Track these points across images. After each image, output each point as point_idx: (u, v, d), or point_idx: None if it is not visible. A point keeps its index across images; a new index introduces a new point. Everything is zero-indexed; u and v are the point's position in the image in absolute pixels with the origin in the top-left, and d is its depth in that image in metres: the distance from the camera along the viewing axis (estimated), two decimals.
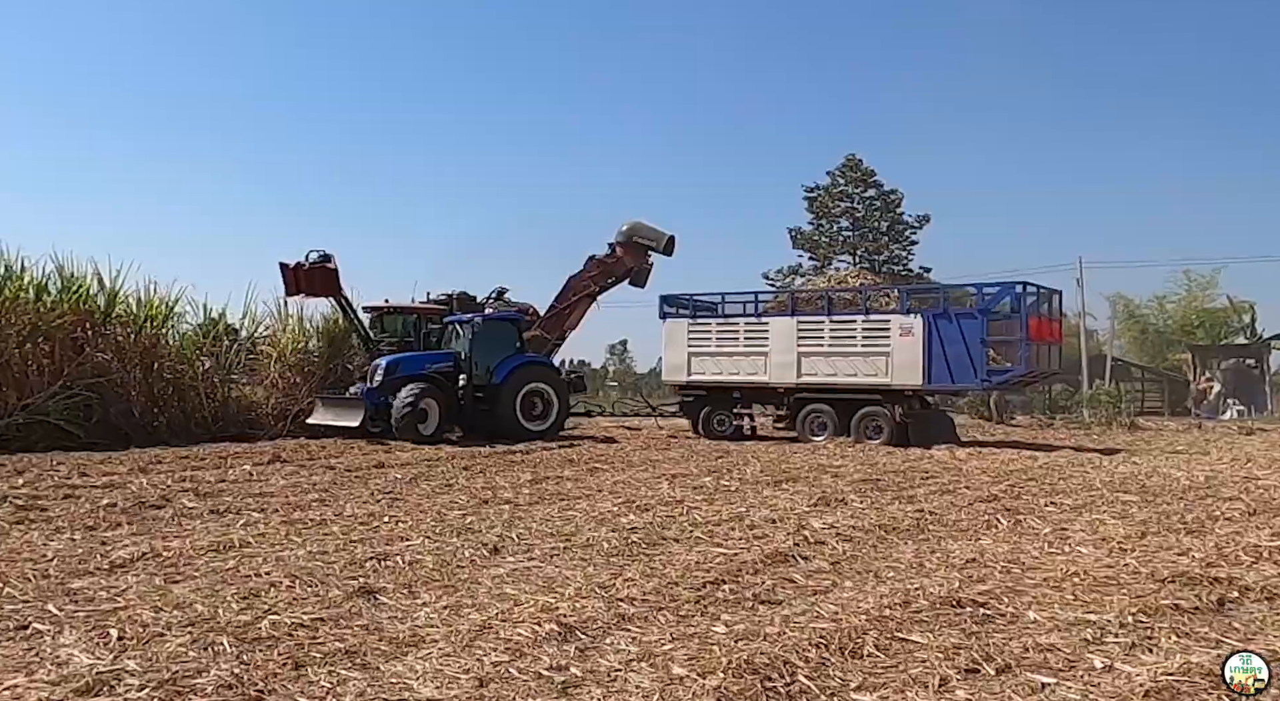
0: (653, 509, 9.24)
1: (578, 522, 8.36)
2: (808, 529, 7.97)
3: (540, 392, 18.75)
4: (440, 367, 18.08)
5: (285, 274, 18.94)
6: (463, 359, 18.23)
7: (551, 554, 6.87)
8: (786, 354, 18.91)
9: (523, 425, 18.13)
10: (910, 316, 18.02)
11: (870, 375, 18.18)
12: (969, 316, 17.62)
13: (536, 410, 18.62)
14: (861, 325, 18.56)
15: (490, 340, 18.50)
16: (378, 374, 17.59)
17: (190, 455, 13.86)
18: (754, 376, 19.38)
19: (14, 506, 8.43)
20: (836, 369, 18.51)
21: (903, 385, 17.95)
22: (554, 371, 19.75)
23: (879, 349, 18.14)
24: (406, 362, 17.96)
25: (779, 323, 19.29)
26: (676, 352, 20.21)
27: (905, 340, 17.77)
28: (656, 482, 11.79)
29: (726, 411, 19.98)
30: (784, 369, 18.96)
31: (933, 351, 17.56)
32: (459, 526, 8.02)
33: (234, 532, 7.55)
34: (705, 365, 19.86)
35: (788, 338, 18.96)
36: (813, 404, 18.78)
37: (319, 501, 9.55)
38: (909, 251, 48.24)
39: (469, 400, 17.99)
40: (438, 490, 10.77)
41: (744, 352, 19.45)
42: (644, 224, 22.62)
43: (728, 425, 19.93)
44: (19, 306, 15.95)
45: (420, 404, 16.93)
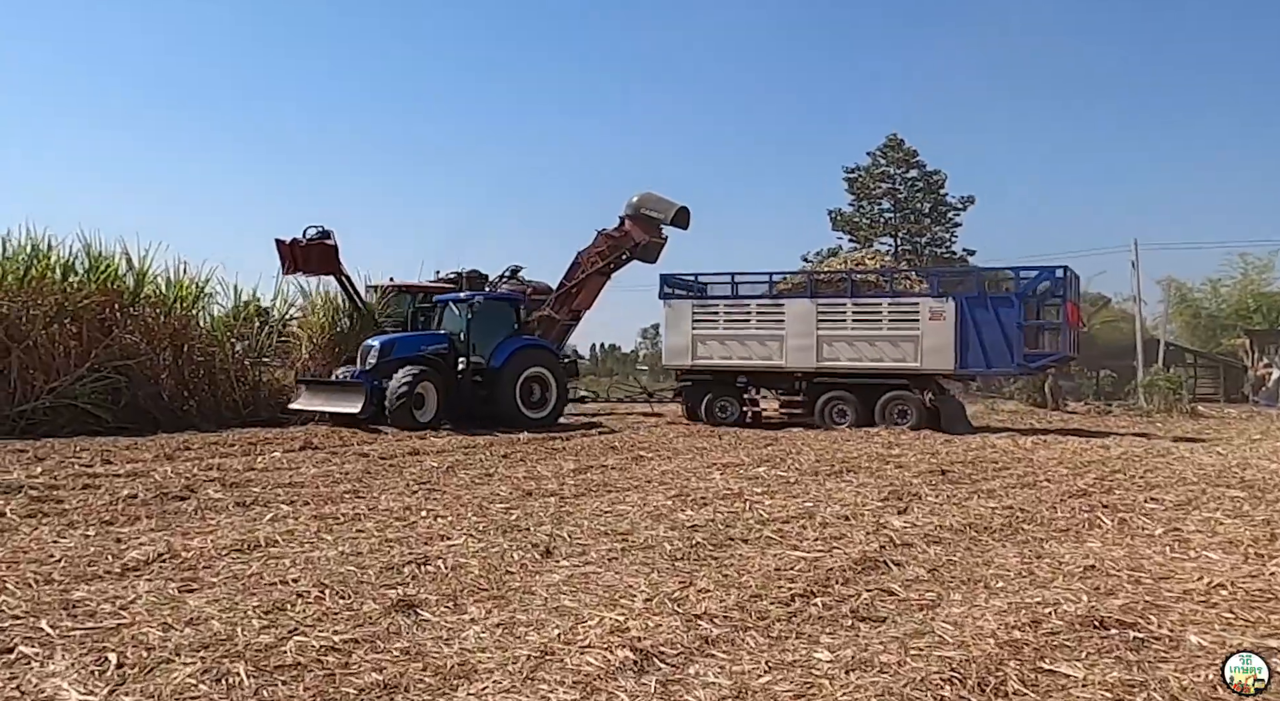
0: (711, 503, 8.50)
1: (632, 519, 7.64)
2: (888, 528, 7.20)
3: (540, 378, 17.53)
4: (436, 349, 16.80)
5: (282, 250, 18.08)
6: (460, 341, 17.00)
7: (609, 556, 6.15)
8: (805, 337, 17.97)
9: (522, 412, 16.95)
10: (942, 299, 17.44)
11: (897, 359, 17.46)
12: (1006, 300, 17.20)
13: (535, 397, 17.39)
14: (888, 308, 17.75)
15: (489, 321, 17.36)
16: (371, 355, 16.30)
17: (219, 441, 13.31)
18: (767, 360, 18.35)
19: (29, 497, 7.85)
20: (860, 353, 17.69)
21: (933, 369, 17.48)
22: (553, 355, 18.43)
23: (907, 332, 17.43)
24: (402, 344, 16.70)
25: (796, 304, 18.28)
26: (679, 335, 19.01)
27: (936, 323, 17.18)
28: (707, 473, 11.05)
29: (731, 397, 18.91)
30: (802, 352, 18.01)
31: (966, 335, 17.01)
32: (503, 523, 7.32)
33: (260, 529, 6.90)
34: (711, 348, 18.75)
35: (806, 320, 18.02)
36: (833, 389, 17.89)
37: (351, 493, 8.91)
38: (952, 233, 46.94)
39: (468, 385, 16.81)
40: (477, 480, 10.10)
41: (756, 335, 18.41)
42: (653, 195, 21.21)
43: (732, 411, 18.83)
44: (45, 286, 15.49)
45: (416, 388, 15.65)
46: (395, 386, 15.42)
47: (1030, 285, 17.32)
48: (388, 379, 15.66)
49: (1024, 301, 17.10)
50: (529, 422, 16.64)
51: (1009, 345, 16.86)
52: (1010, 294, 17.35)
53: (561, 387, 17.90)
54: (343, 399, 15.79)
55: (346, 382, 16.15)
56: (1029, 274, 17.58)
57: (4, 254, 15.26)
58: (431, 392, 15.97)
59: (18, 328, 14.76)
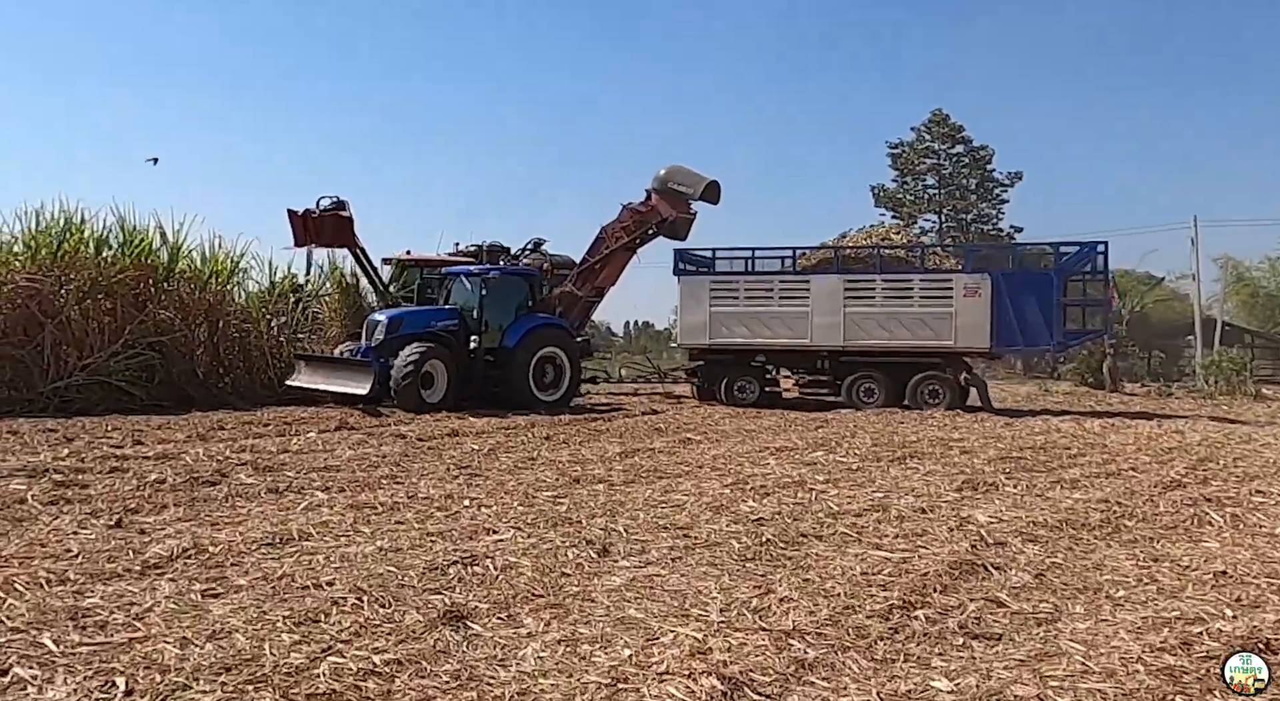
0: (773, 492, 7.90)
1: (690, 510, 7.06)
2: (973, 524, 6.55)
3: (553, 358, 16.46)
4: (447, 326, 15.68)
5: (294, 221, 17.18)
6: (472, 317, 15.91)
7: (672, 555, 5.57)
8: (831, 314, 17.16)
9: (534, 394, 15.95)
10: (977, 275, 16.83)
11: (929, 337, 16.82)
12: (1044, 276, 16.80)
13: (548, 377, 16.39)
14: (919, 284, 17.03)
15: (502, 297, 16.28)
16: (378, 331, 15.20)
17: (253, 419, 12.93)
18: (791, 339, 17.50)
19: (52, 482, 7.44)
20: (890, 331, 16.95)
21: (967, 347, 16.99)
22: (568, 334, 17.30)
23: (940, 309, 16.77)
24: (410, 318, 15.57)
25: (822, 281, 17.44)
26: (696, 313, 18.06)
27: (970, 300, 16.57)
28: (761, 458, 10.45)
29: (750, 377, 18.07)
30: (828, 330, 17.21)
31: (1001, 312, 16.41)
32: (552, 514, 6.78)
33: (293, 519, 6.42)
34: (731, 326, 17.83)
35: (833, 297, 17.18)
36: (861, 369, 17.18)
37: (389, 478, 8.42)
38: (998, 210, 45.54)
39: (479, 364, 15.71)
40: (520, 464, 9.58)
41: (779, 313, 17.56)
42: (682, 168, 20.11)
43: (751, 391, 17.95)
44: (79, 261, 15.18)
45: (424, 367, 14.56)
46: (401, 364, 14.41)
47: (1071, 261, 16.91)
48: (395, 356, 14.65)
49: (1064, 278, 16.63)
50: (541, 405, 15.74)
51: (1047, 322, 16.43)
52: (1049, 270, 16.90)
53: (575, 368, 16.95)
54: (348, 377, 14.77)
55: (353, 361, 15.09)
56: (1069, 249, 17.22)
57: (37, 228, 14.97)
58: (440, 371, 14.91)
59: (51, 303, 14.47)
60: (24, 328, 14.07)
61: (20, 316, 14.10)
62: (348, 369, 14.96)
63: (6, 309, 14.02)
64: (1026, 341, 16.99)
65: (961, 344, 16.80)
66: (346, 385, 14.60)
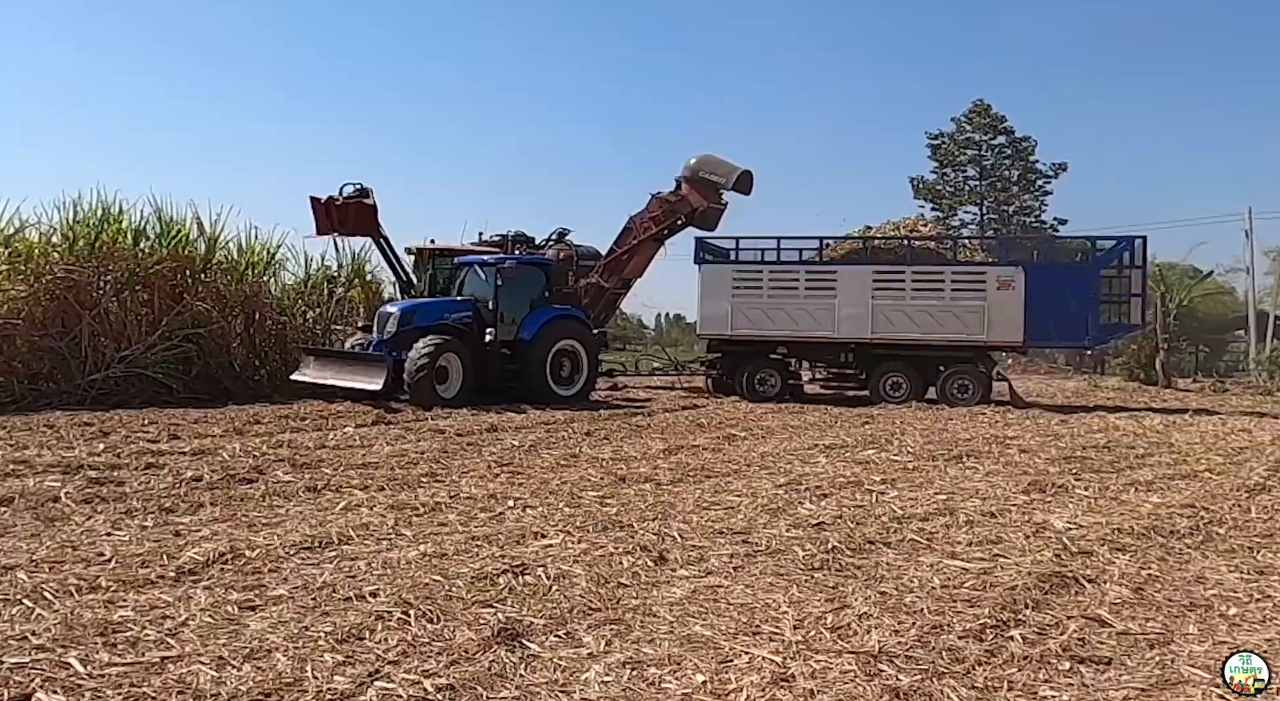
0: (830, 494, 7.52)
1: (745, 512, 6.71)
2: (1050, 530, 6.14)
3: (570, 351, 15.82)
4: (461, 317, 15.08)
5: (316, 209, 16.41)
6: (487, 309, 15.27)
7: (733, 564, 5.22)
8: (859, 306, 16.66)
9: (551, 388, 15.33)
10: (1010, 268, 16.46)
11: (960, 330, 16.37)
12: (1079, 269, 16.60)
13: (564, 371, 15.74)
14: (951, 276, 16.57)
15: (519, 288, 15.62)
16: (390, 323, 14.57)
17: (290, 413, 12.73)
18: (817, 331, 16.97)
19: (87, 479, 7.24)
20: (919, 323, 16.47)
21: (999, 342, 16.74)
22: (586, 326, 16.42)
23: (971, 302, 16.33)
24: (424, 310, 14.95)
25: (850, 271, 16.99)
26: (716, 303, 17.52)
27: (1004, 293, 16.15)
28: (810, 456, 10.08)
29: (771, 369, 17.54)
30: (855, 322, 16.72)
31: (1033, 306, 16.01)
32: (601, 516, 6.46)
33: (332, 521, 6.16)
34: (753, 317, 17.28)
35: (861, 288, 16.69)
36: (888, 361, 16.70)
37: (429, 476, 8.15)
38: (1042, 202, 44.56)
39: (495, 358, 15.05)
40: (562, 462, 9.28)
41: (805, 304, 17.02)
42: (714, 157, 19.32)
43: (772, 384, 17.41)
44: (117, 252, 15.08)
45: (439, 360, 13.92)
46: (415, 357, 13.72)
47: (1109, 256, 16.60)
48: (408, 350, 13.95)
49: (1100, 272, 16.32)
50: (558, 399, 15.11)
51: (1083, 317, 16.12)
52: (1084, 264, 16.70)
53: (593, 362, 16.32)
54: (361, 373, 14.02)
55: (366, 355, 14.44)
56: (1105, 244, 16.97)
57: (74, 218, 14.88)
58: (456, 365, 14.27)
59: (88, 294, 14.37)
60: (61, 319, 13.99)
61: (58, 308, 14.02)
62: (359, 363, 14.34)
63: (45, 300, 13.94)
64: (1060, 336, 16.78)
65: (993, 338, 16.46)
66: (358, 380, 13.91)
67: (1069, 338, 17.03)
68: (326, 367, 14.62)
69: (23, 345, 13.65)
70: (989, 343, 16.58)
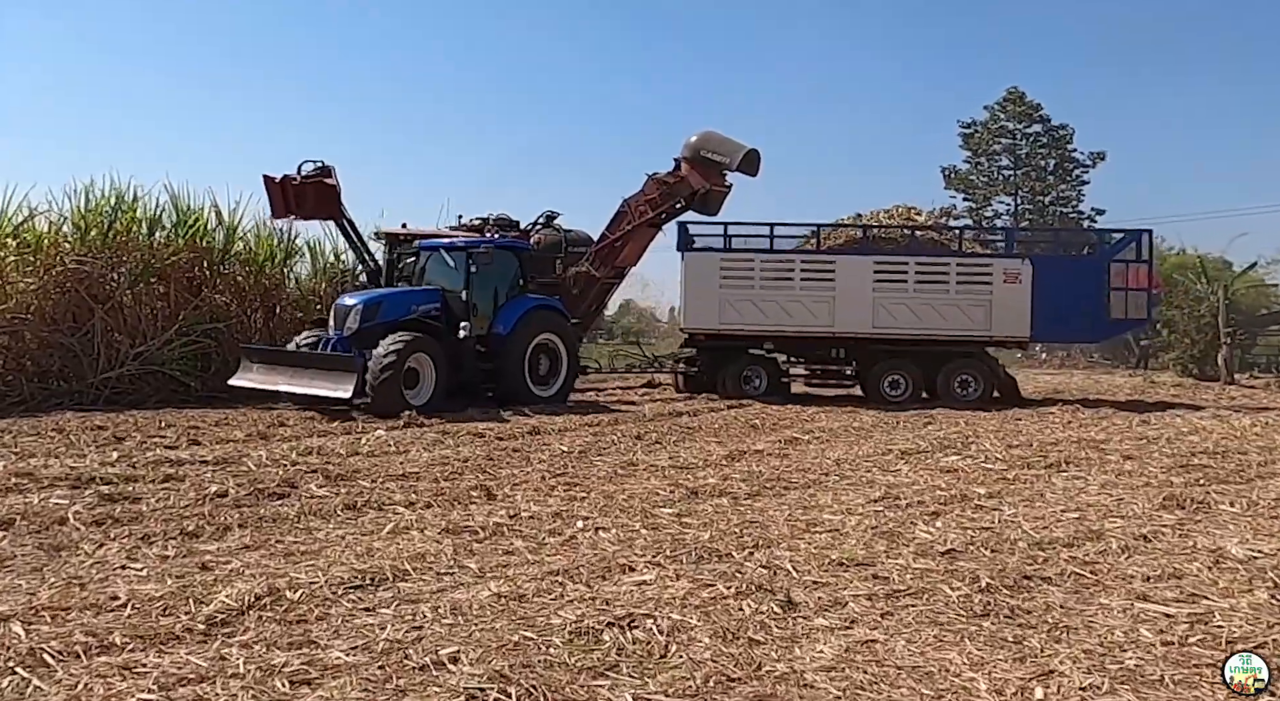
0: (941, 512, 6.61)
1: (854, 536, 5.81)
2: (1231, 559, 5.21)
3: (549, 347, 14.11)
4: (429, 310, 13.26)
5: (271, 190, 14.99)
6: (458, 300, 13.50)
7: (876, 609, 4.32)
8: (859, 298, 15.53)
9: (530, 388, 13.66)
10: (1017, 260, 15.73)
11: (965, 325, 15.47)
12: (1087, 262, 15.94)
13: (542, 368, 14.03)
14: (956, 268, 15.59)
15: (492, 275, 13.82)
16: (351, 317, 12.62)
17: (314, 414, 11.90)
18: (812, 325, 15.71)
19: (98, 495, 6.39)
20: (922, 317, 15.46)
21: (1006, 336, 15.91)
22: (564, 318, 14.76)
23: (978, 295, 15.44)
24: (390, 302, 13.01)
25: (850, 261, 15.78)
26: (704, 294, 15.95)
27: (1010, 286, 15.38)
28: (889, 463, 9.18)
29: (759, 366, 16.20)
30: (854, 316, 15.58)
31: (1040, 300, 15.29)
32: (690, 541, 5.57)
33: (380, 548, 5.30)
34: (744, 310, 15.84)
35: (861, 279, 15.55)
36: (889, 358, 15.67)
37: (479, 489, 7.27)
38: (1079, 192, 43.35)
39: (470, 355, 13.31)
40: (620, 471, 8.41)
41: (800, 296, 15.75)
42: (716, 134, 17.40)
43: (760, 383, 16.02)
44: (131, 242, 14.28)
45: (407, 361, 12.05)
46: (380, 357, 11.82)
47: (1117, 248, 16.00)
48: (373, 348, 12.05)
49: (1109, 265, 15.62)
50: (536, 401, 13.41)
51: (1090, 311, 15.49)
52: (1093, 256, 16.12)
53: (573, 357, 14.62)
54: (325, 377, 11.91)
55: (331, 356, 12.29)
56: (1114, 236, 16.55)
57: (86, 206, 14.06)
58: (427, 366, 12.40)
59: (101, 287, 13.59)
60: (73, 314, 13.21)
61: (69, 301, 13.23)
62: (322, 366, 12.15)
63: (55, 293, 13.14)
64: (1067, 331, 16.34)
65: (999, 332, 15.65)
66: (322, 386, 11.76)
67: (1076, 333, 16.60)
68: (276, 371, 12.45)
69: (32, 342, 12.90)
70: (995, 338, 15.83)
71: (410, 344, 12.13)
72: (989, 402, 15.31)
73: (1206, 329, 23.04)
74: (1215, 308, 23.13)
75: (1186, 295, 25.45)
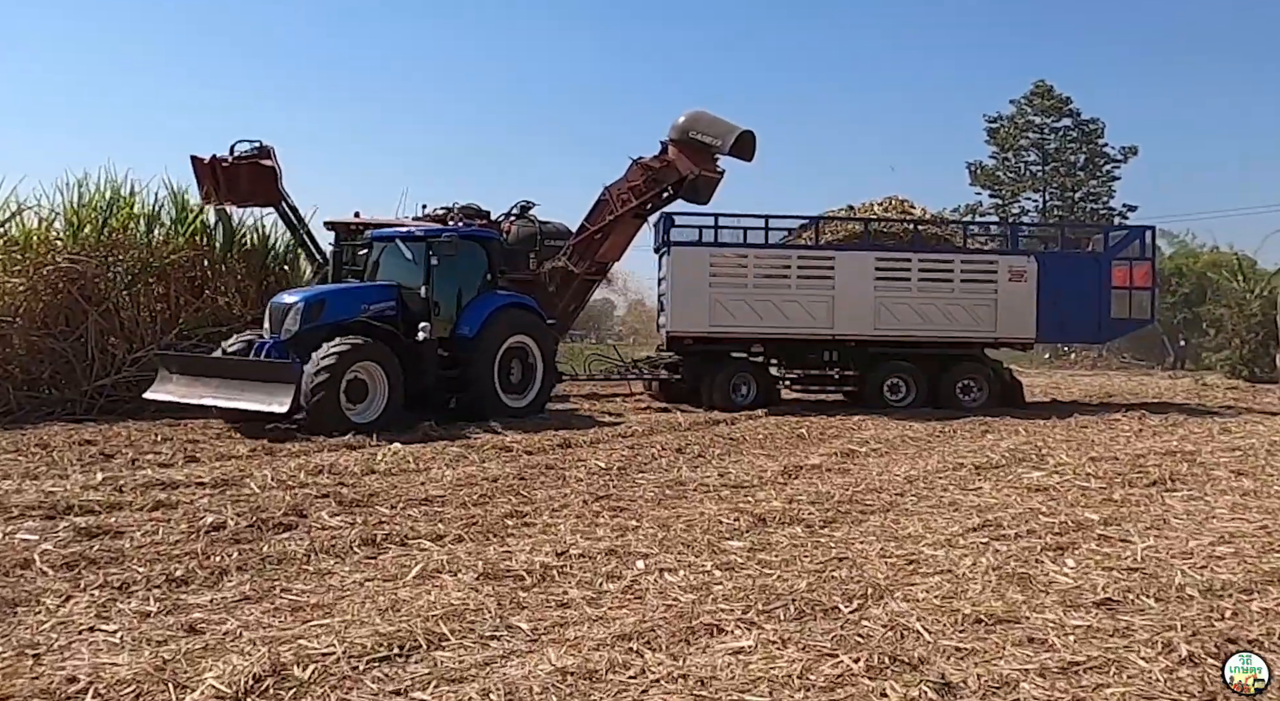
0: (1065, 546, 5.62)
1: (973, 577, 4.88)
2: None
3: (521, 350, 12.30)
4: (383, 309, 11.45)
5: (200, 172, 13.66)
6: (417, 298, 11.65)
7: (1059, 693, 3.34)
8: (860, 298, 14.36)
9: (499, 398, 11.85)
10: (1022, 257, 14.88)
11: (970, 326, 14.51)
12: (1090, 260, 15.17)
13: (514, 375, 12.23)
14: (960, 265, 14.59)
15: (457, 270, 11.98)
16: (291, 318, 10.80)
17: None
18: (810, 326, 14.40)
19: (74, 530, 5.45)
20: (925, 317, 14.40)
21: (1011, 337, 15.04)
22: (539, 318, 12.77)
23: (982, 295, 14.49)
24: (336, 300, 11.26)
25: (850, 257, 14.55)
26: (691, 293, 14.40)
27: (1015, 285, 14.50)
28: (964, 479, 8.26)
29: (747, 372, 14.71)
30: (856, 316, 14.39)
31: (1045, 298, 14.48)
32: (779, 588, 4.65)
33: (408, 600, 4.36)
34: (736, 311, 14.38)
35: (862, 277, 14.37)
36: (891, 361, 14.55)
37: (514, 516, 6.34)
38: (1109, 187, 42.19)
39: (430, 361, 11.40)
40: (668, 491, 7.46)
41: (798, 295, 14.44)
42: (707, 114, 15.76)
43: (748, 392, 14.45)
44: (128, 239, 13.38)
45: (348, 371, 10.21)
46: (315, 365, 10.03)
47: (1119, 246, 15.34)
48: (316, 352, 10.34)
49: (1111, 262, 14.92)
50: (508, 413, 11.67)
51: (1094, 311, 14.74)
52: (1095, 254, 15.35)
53: (549, 363, 12.68)
54: (257, 389, 10.10)
55: (258, 364, 10.56)
56: (1117, 234, 16.16)
57: (80, 201, 13.16)
58: (377, 375, 10.54)
59: (96, 288, 12.65)
60: (65, 316, 12.28)
61: (61, 303, 12.30)
62: (251, 375, 10.37)
63: (45, 295, 12.22)
64: (1071, 331, 15.75)
65: (1004, 333, 14.74)
66: (250, 399, 10.01)
67: (1080, 333, 15.95)
68: (200, 381, 10.69)
69: (20, 346, 11.98)
70: (1000, 339, 14.91)
71: (354, 350, 10.34)
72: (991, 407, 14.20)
73: (1257, 328, 21.97)
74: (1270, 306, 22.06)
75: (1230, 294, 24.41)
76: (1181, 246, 37.10)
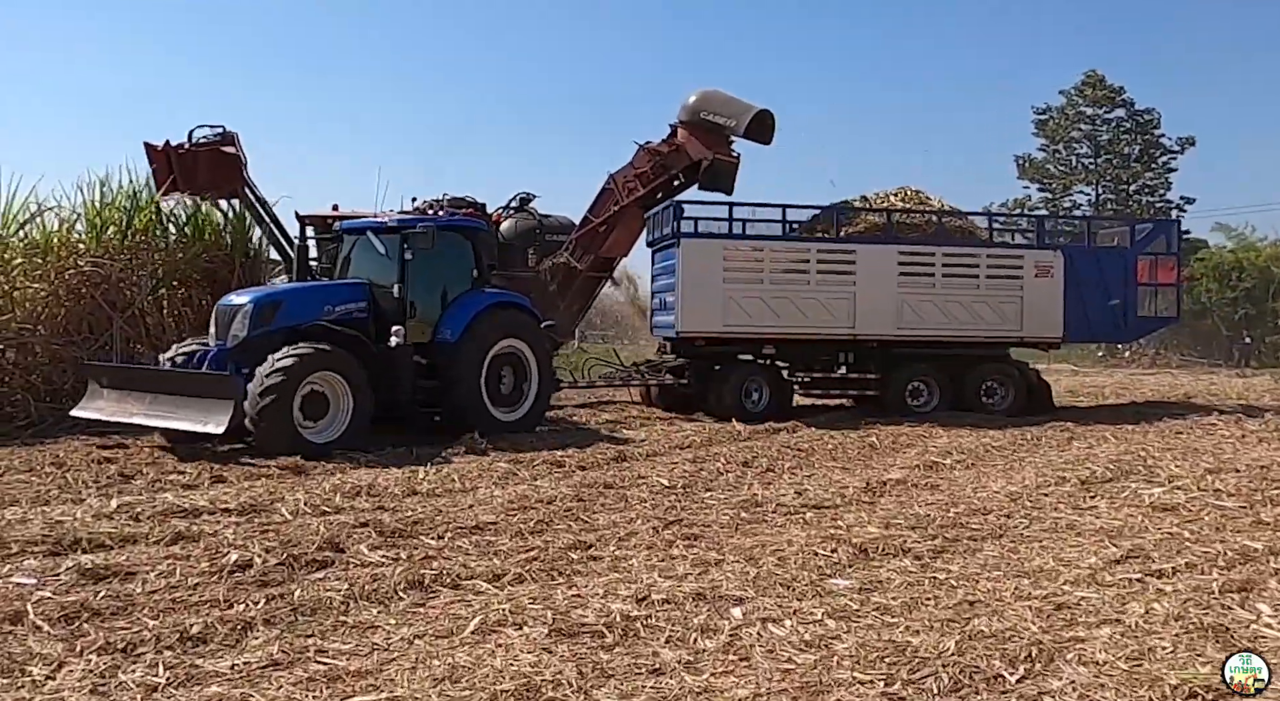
0: (1244, 586, 4.73)
1: (1154, 629, 4.05)
2: None
3: (513, 356, 10.85)
4: (350, 311, 10.08)
5: (154, 159, 12.77)
6: (390, 297, 10.32)
7: None
8: (883, 295, 13.29)
9: (490, 412, 10.44)
10: (1048, 251, 14.04)
11: (996, 325, 13.59)
12: (1117, 255, 14.39)
13: (505, 386, 10.77)
14: (986, 260, 13.66)
15: (437, 266, 10.57)
16: (239, 322, 9.48)
17: None
18: (831, 325, 13.24)
19: (79, 571, 4.72)
20: (949, 315, 13.41)
21: (1037, 337, 14.17)
22: (534, 319, 11.35)
23: (1009, 291, 13.58)
24: (294, 301, 9.96)
25: (871, 251, 13.40)
26: (703, 289, 13.08)
27: (1042, 281, 13.65)
28: (1075, 497, 7.43)
29: (759, 377, 13.37)
30: (878, 315, 13.29)
31: (1072, 295, 13.71)
32: (916, 646, 3.82)
33: (469, 667, 3.59)
34: (751, 308, 13.12)
35: (885, 273, 13.29)
36: (914, 363, 13.54)
37: (577, 549, 5.58)
38: (1166, 180, 40.71)
39: (405, 369, 10.03)
40: (745, 516, 6.69)
41: (817, 292, 13.27)
42: (720, 93, 14.46)
43: (761, 398, 13.16)
44: (152, 242, 12.80)
45: (301, 384, 8.87)
46: (262, 378, 8.71)
47: (1145, 241, 14.71)
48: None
49: (1137, 258, 14.22)
50: (498, 427, 10.26)
51: (1120, 308, 14.01)
52: (1122, 249, 14.57)
53: (545, 371, 11.18)
54: (187, 405, 8.84)
55: (193, 375, 9.26)
56: (1143, 228, 15.50)
57: (102, 201, 12.59)
58: (339, 388, 9.19)
59: (120, 292, 12.07)
60: (88, 322, 11.72)
61: (84, 308, 11.73)
62: (186, 390, 9.07)
63: (68, 300, 11.65)
64: (1098, 330, 14.80)
65: (1031, 332, 13.85)
66: (183, 417, 8.74)
67: (1106, 331, 15.11)
68: (131, 397, 9.41)
69: (42, 355, 11.39)
70: (1025, 339, 14.06)
71: (309, 358, 9.00)
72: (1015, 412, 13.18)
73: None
74: None
75: None
76: (1241, 240, 35.62)
